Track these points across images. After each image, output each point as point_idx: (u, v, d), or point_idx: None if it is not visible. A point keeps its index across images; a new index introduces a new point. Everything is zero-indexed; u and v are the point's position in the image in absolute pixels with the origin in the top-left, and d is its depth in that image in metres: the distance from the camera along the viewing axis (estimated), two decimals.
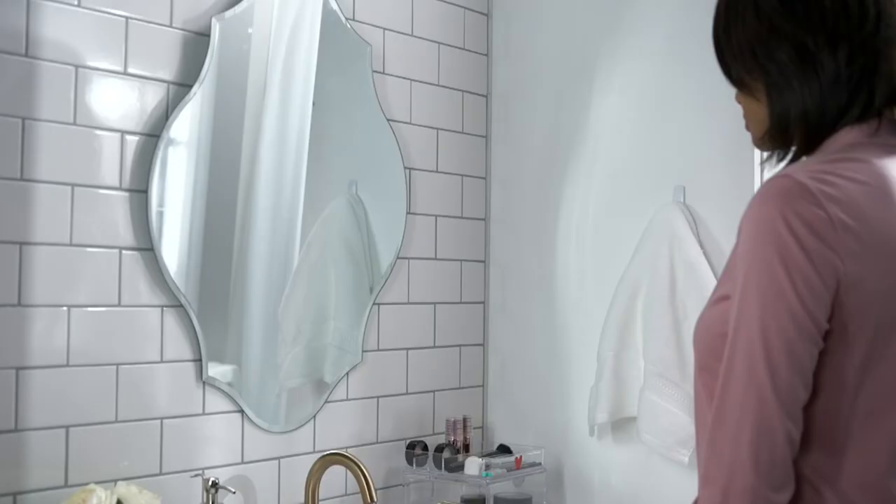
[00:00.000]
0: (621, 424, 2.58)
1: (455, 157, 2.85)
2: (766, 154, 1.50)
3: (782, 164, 1.45)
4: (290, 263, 2.46)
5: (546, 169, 2.83)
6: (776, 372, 1.22)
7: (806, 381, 1.24)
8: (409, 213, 2.68)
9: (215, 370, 2.25)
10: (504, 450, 2.69)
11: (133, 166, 2.12)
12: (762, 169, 1.53)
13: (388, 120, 2.62)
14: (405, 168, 2.67)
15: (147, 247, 2.13)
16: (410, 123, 2.72)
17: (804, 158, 1.37)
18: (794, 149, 1.42)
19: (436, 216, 2.78)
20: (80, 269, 2.04)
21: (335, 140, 2.56)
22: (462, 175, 2.87)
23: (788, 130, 1.39)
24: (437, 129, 2.80)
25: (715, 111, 2.38)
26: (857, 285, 1.24)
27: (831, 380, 1.26)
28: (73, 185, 2.03)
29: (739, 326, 1.25)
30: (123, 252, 2.11)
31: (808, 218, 1.23)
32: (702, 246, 2.44)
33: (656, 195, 2.54)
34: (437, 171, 2.79)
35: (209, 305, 2.25)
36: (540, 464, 2.67)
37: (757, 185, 2.37)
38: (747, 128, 1.47)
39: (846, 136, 1.34)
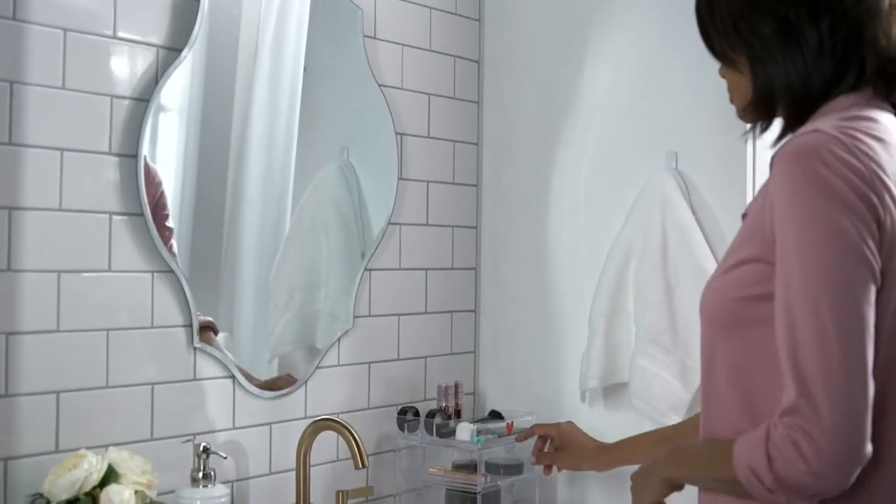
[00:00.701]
0: (613, 390, 2.58)
1: (446, 122, 2.83)
2: (748, 126, 1.50)
3: (772, 135, 1.45)
4: (282, 229, 2.45)
5: (538, 135, 2.82)
6: (855, 320, 1.19)
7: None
8: (400, 178, 2.67)
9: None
10: (495, 415, 2.70)
11: (123, 131, 2.10)
12: (753, 136, 1.52)
13: (379, 85, 2.60)
14: (396, 134, 2.65)
15: (137, 212, 2.12)
16: (402, 89, 2.70)
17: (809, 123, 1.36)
18: (781, 120, 1.42)
19: (427, 182, 2.77)
20: (70, 234, 2.03)
21: (326, 105, 2.54)
22: (454, 141, 2.85)
23: (772, 102, 1.39)
24: (429, 94, 2.78)
25: (708, 76, 2.35)
26: (890, 238, 1.23)
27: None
28: (62, 150, 2.01)
29: (794, 284, 1.21)
30: (114, 217, 2.10)
31: (848, 162, 1.22)
32: (694, 212, 2.44)
33: (648, 161, 2.53)
34: (428, 137, 2.77)
35: (200, 271, 2.24)
36: None
37: (749, 150, 2.36)
38: (732, 101, 1.47)
39: (844, 101, 1.34)
